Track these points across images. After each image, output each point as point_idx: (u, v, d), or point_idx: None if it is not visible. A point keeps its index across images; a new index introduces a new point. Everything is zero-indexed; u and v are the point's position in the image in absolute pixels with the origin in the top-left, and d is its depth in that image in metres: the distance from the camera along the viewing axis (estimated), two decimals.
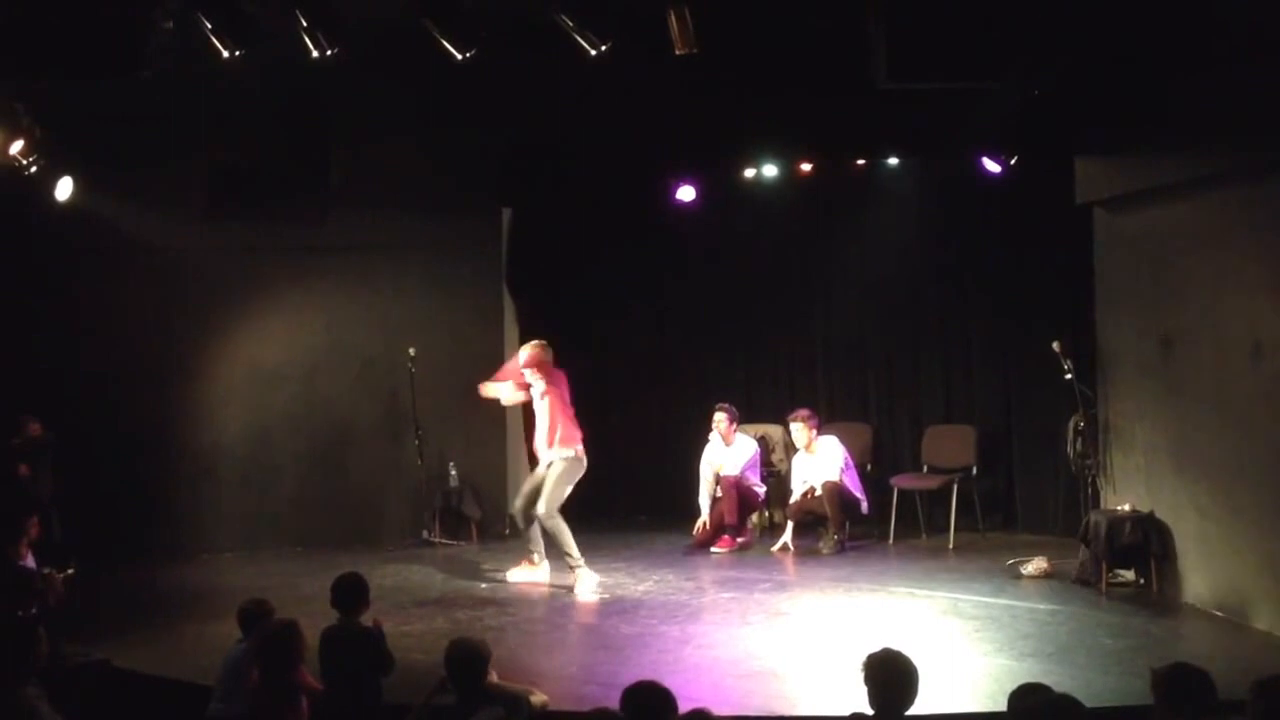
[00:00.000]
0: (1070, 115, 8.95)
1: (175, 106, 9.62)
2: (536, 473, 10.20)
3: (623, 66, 7.61)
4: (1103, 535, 9.24)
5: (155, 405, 11.40)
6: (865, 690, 4.89)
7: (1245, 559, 8.42)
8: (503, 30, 7.57)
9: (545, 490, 9.88)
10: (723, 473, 11.51)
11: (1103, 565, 9.33)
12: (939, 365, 12.30)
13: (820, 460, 11.35)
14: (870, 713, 4.84)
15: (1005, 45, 6.18)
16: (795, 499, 11.48)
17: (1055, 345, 9.92)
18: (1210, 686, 4.66)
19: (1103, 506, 9.83)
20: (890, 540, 11.51)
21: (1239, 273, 8.37)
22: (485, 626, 8.73)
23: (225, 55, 7.17)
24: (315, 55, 7.29)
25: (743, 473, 11.53)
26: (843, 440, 11.52)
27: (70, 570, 7.90)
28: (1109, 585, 9.36)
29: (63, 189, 10.09)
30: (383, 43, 8.05)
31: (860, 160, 11.43)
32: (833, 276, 12.64)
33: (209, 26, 7.09)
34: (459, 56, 7.35)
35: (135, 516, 11.07)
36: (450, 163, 11.40)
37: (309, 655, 6.06)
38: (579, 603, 9.57)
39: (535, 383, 10.03)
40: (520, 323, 12.68)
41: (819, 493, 11.25)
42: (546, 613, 9.30)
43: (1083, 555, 9.59)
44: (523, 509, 10.11)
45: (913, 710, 4.94)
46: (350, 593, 6.45)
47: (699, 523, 11.52)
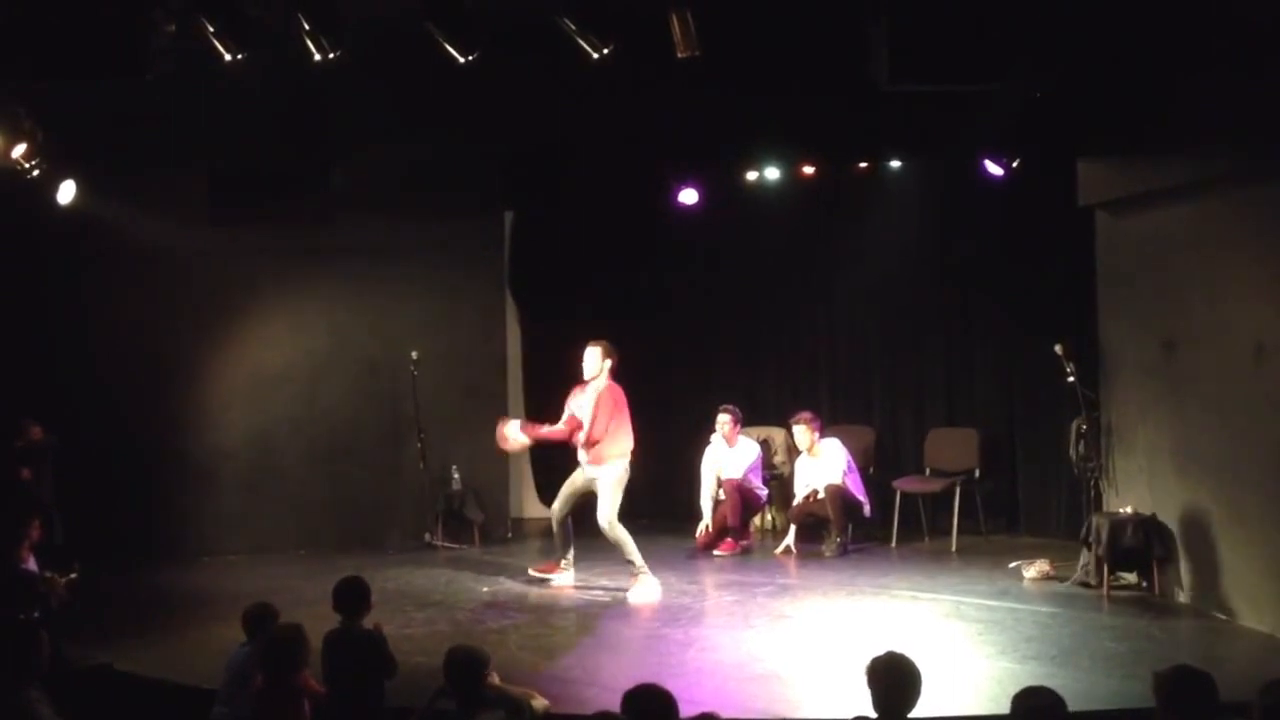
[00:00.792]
0: (1072, 117, 8.95)
1: (177, 109, 9.61)
2: (577, 478, 10.05)
3: (625, 69, 7.60)
4: (1105, 538, 9.23)
5: (158, 408, 11.40)
6: (869, 693, 4.88)
7: (1248, 561, 8.41)
8: (505, 33, 7.57)
9: (602, 501, 9.77)
10: (725, 475, 11.50)
11: (1105, 568, 9.32)
12: (941, 368, 12.29)
13: (823, 463, 11.34)
14: (874, 716, 4.83)
15: (1007, 47, 6.18)
16: (798, 501, 11.48)
17: (1057, 348, 9.91)
18: (1212, 689, 4.65)
19: (1105, 509, 9.81)
20: (893, 543, 11.51)
21: (1241, 275, 8.37)
22: (487, 629, 8.73)
23: (227, 58, 7.17)
24: (317, 58, 7.29)
25: (745, 475, 11.52)
26: (845, 443, 11.51)
27: (73, 574, 7.89)
28: (1111, 588, 9.35)
29: (65, 192, 10.09)
30: (385, 45, 8.05)
31: (863, 163, 11.43)
32: (835, 279, 12.63)
33: (211, 29, 7.09)
34: (461, 59, 7.35)
35: (138, 519, 11.07)
36: (453, 166, 11.40)
37: (313, 659, 6.06)
38: (581, 606, 9.55)
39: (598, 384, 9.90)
40: (522, 326, 12.69)
41: (821, 495, 11.24)
42: (549, 616, 9.29)
43: (1085, 558, 9.58)
44: (561, 513, 10.05)
45: (915, 713, 4.95)
46: (352, 596, 6.45)
47: (701, 525, 11.52)
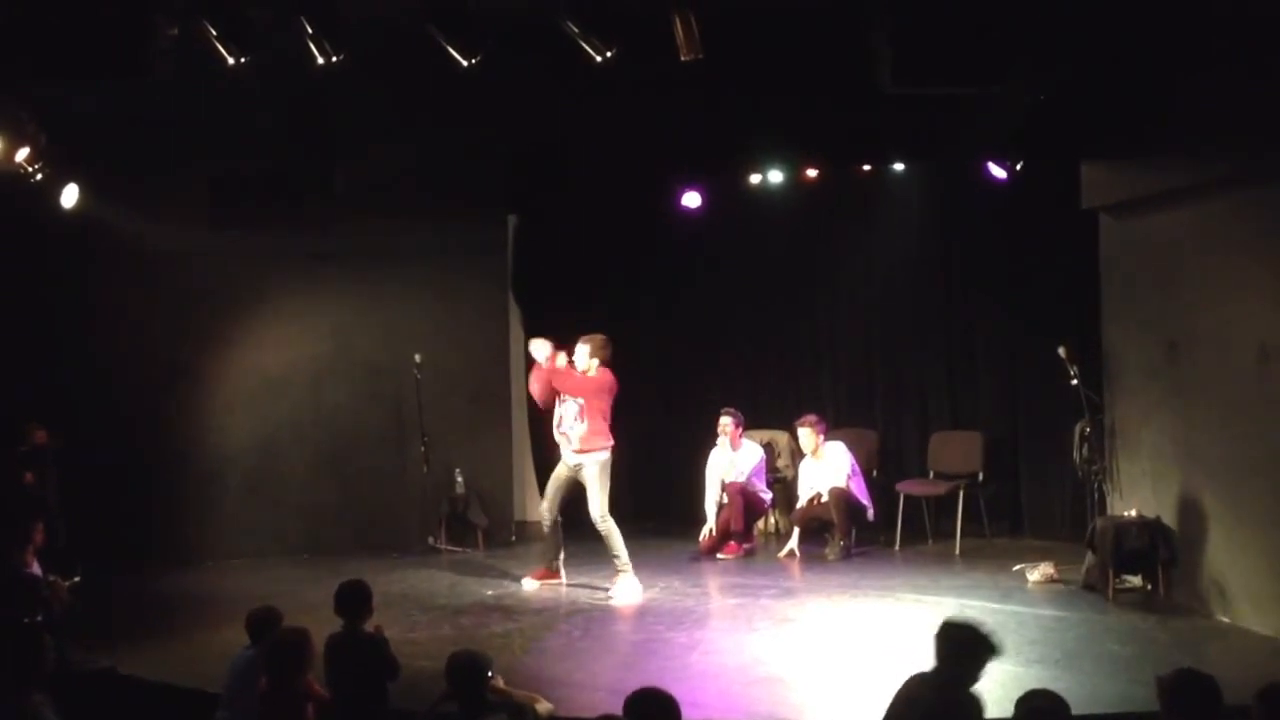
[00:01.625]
0: (1076, 120, 8.94)
1: (180, 113, 9.62)
2: (560, 471, 10.11)
3: (628, 72, 7.60)
4: (1109, 540, 9.22)
5: (161, 412, 11.40)
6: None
7: (1253, 564, 8.40)
8: (507, 36, 7.57)
9: (592, 494, 9.84)
10: (729, 479, 11.50)
11: (1109, 571, 9.30)
12: (945, 370, 12.28)
13: (827, 466, 11.34)
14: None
15: (1010, 50, 6.17)
16: (801, 504, 11.47)
17: (1061, 350, 9.90)
18: (1216, 692, 4.64)
19: (1109, 512, 9.80)
20: (896, 546, 11.49)
21: (1245, 277, 8.36)
22: (491, 633, 8.73)
23: (230, 62, 7.17)
24: (320, 61, 7.29)
25: (749, 479, 11.51)
26: (849, 446, 11.50)
27: (76, 577, 7.90)
28: (1116, 591, 9.33)
29: (68, 196, 10.09)
30: (387, 48, 8.05)
31: (866, 165, 11.43)
32: (839, 282, 12.62)
33: (213, 33, 7.09)
34: (464, 62, 7.35)
35: (141, 523, 11.06)
36: (456, 169, 11.39)
37: (316, 663, 6.06)
38: (585, 609, 9.55)
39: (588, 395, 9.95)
40: (526, 329, 12.66)
41: (825, 499, 11.24)
42: (552, 619, 9.28)
43: (1089, 561, 9.57)
44: (551, 514, 10.08)
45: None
46: (354, 599, 6.45)
47: (705, 529, 11.51)
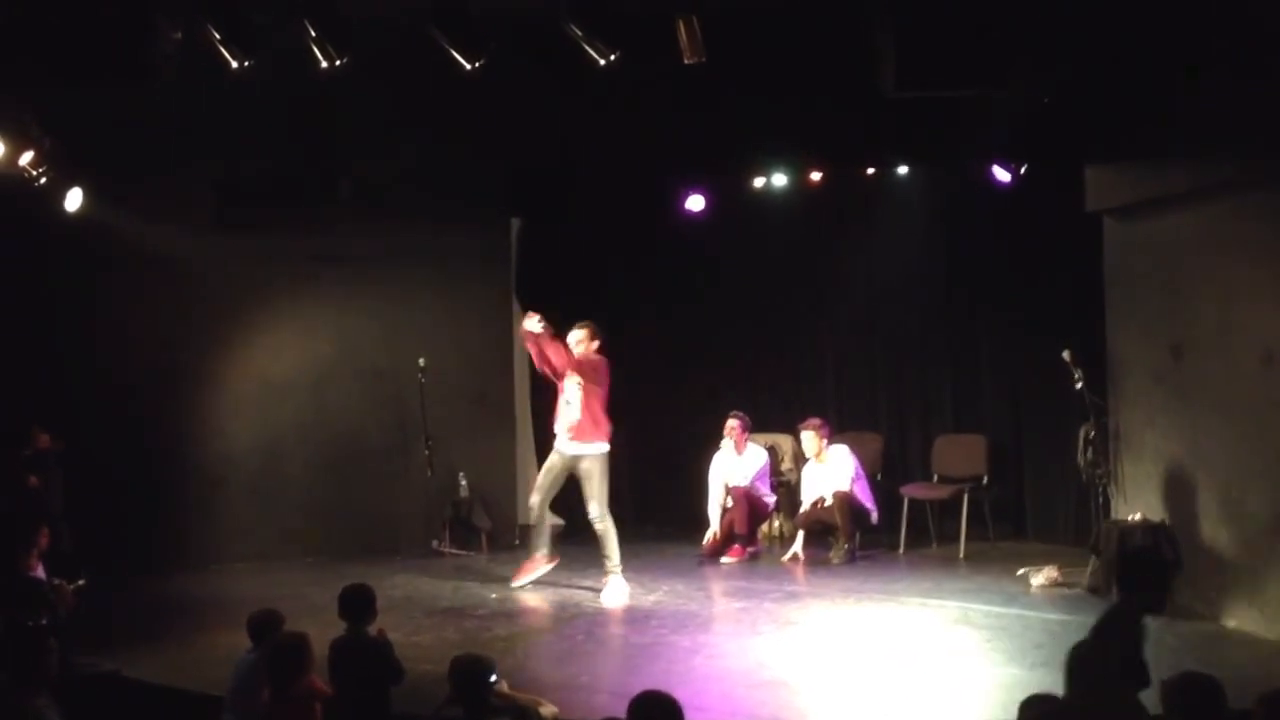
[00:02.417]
0: (1080, 122, 8.94)
1: (183, 116, 9.62)
2: (554, 463, 10.09)
3: (631, 75, 7.60)
4: (1114, 544, 9.20)
5: (165, 416, 11.39)
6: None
7: (1257, 567, 8.39)
8: (511, 40, 7.57)
9: (592, 493, 9.86)
10: (732, 482, 11.49)
11: (1114, 574, 9.28)
12: (949, 374, 12.27)
13: (831, 470, 11.33)
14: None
15: (1014, 52, 6.17)
16: (805, 508, 11.46)
17: (1065, 354, 9.89)
18: (1220, 696, 4.63)
19: (1113, 515, 9.79)
20: (900, 550, 11.48)
21: (1250, 280, 8.35)
22: (495, 637, 8.73)
23: (233, 65, 7.17)
24: (324, 65, 7.29)
25: (752, 482, 11.51)
26: (853, 449, 11.49)
27: (81, 581, 7.90)
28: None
29: (72, 200, 10.10)
30: (391, 52, 8.05)
31: (869, 169, 11.41)
32: (842, 285, 12.61)
33: (217, 37, 7.09)
34: (468, 66, 7.36)
35: (145, 527, 11.05)
36: (459, 172, 11.39)
37: (317, 665, 6.06)
38: (589, 613, 9.55)
39: (580, 371, 9.91)
40: None
41: (829, 502, 11.23)
42: (556, 623, 9.29)
43: (1094, 564, 9.56)
44: (540, 505, 10.09)
45: None
46: (357, 603, 6.45)
47: (709, 532, 11.50)
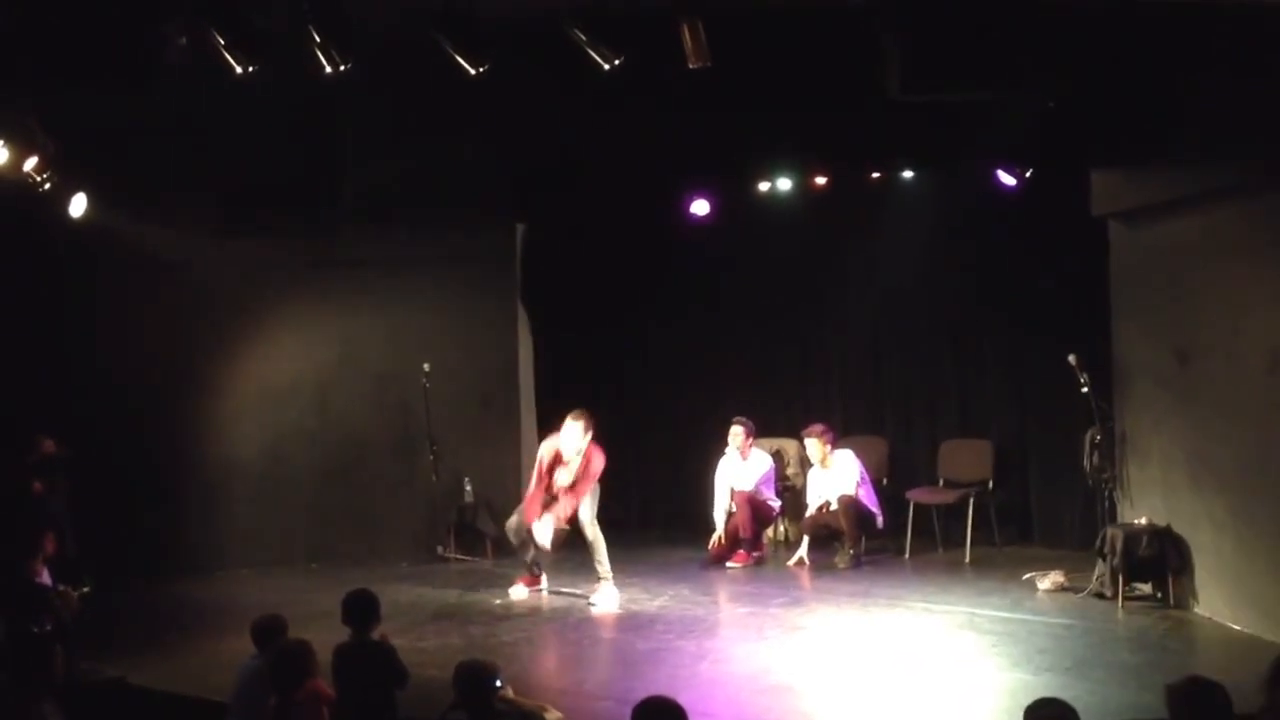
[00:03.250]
0: (1085, 127, 8.92)
1: (188, 122, 9.63)
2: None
3: (636, 80, 7.60)
4: (1120, 549, 9.19)
5: (169, 421, 11.40)
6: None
7: (1263, 572, 8.37)
8: (516, 45, 7.57)
9: (587, 508, 9.99)
10: (737, 487, 11.48)
11: (1120, 579, 9.27)
12: (954, 379, 12.25)
13: (836, 474, 11.31)
14: None
15: (1019, 57, 6.16)
16: (810, 513, 11.45)
17: (1071, 358, 9.88)
18: (1226, 700, 4.62)
19: (1119, 520, 9.77)
20: (906, 554, 11.46)
21: (1256, 284, 8.33)
22: (500, 642, 8.73)
23: (238, 71, 7.17)
24: (328, 70, 7.29)
25: (757, 487, 11.49)
26: (858, 454, 11.48)
27: (85, 587, 7.90)
28: (1126, 599, 9.30)
29: (77, 205, 10.10)
30: (395, 58, 8.05)
31: (875, 173, 11.40)
32: (847, 290, 12.58)
33: (222, 42, 7.09)
34: (472, 71, 7.35)
35: (150, 533, 11.05)
36: (464, 177, 11.38)
37: (322, 670, 6.06)
38: (594, 618, 9.54)
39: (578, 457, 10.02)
40: (534, 338, 12.67)
41: (834, 507, 11.21)
42: (561, 628, 9.28)
43: (1099, 569, 9.53)
44: (518, 526, 10.13)
45: None
46: (361, 608, 6.44)
47: (714, 538, 11.48)
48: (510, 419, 12.50)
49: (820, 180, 11.52)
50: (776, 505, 11.75)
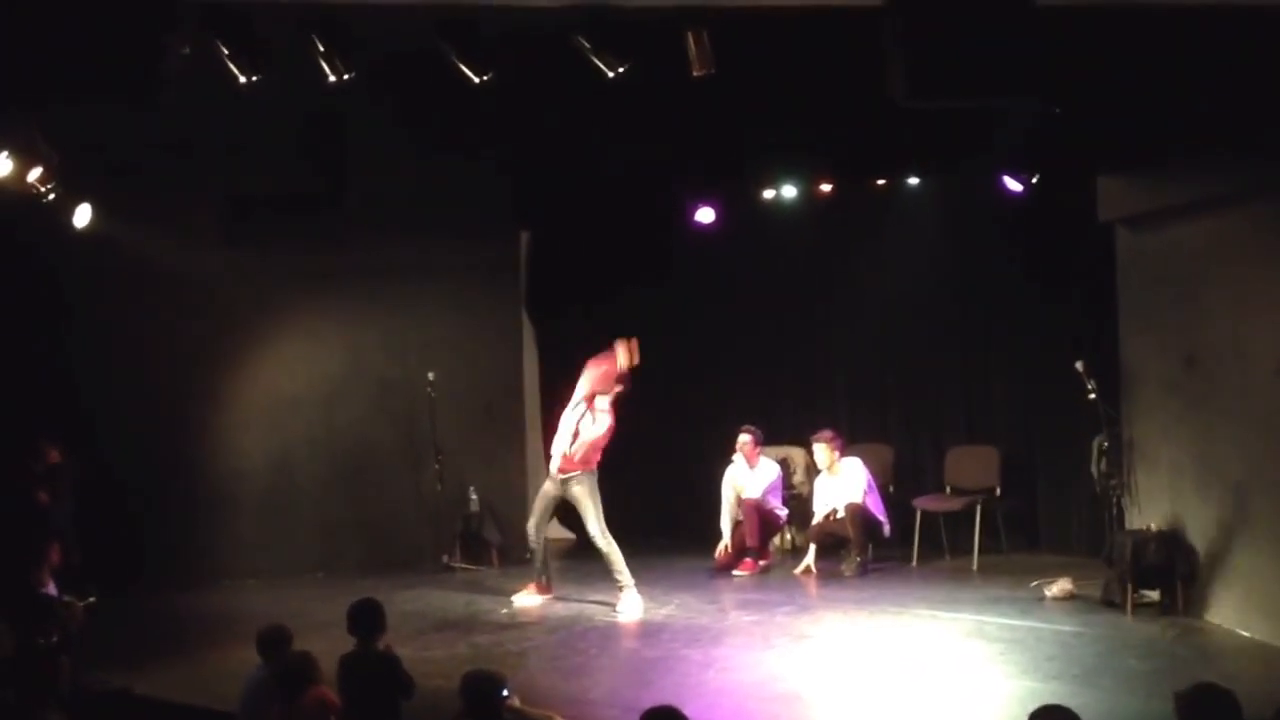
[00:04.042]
0: (1092, 132, 8.90)
1: (191, 132, 9.63)
2: (547, 489, 10.21)
3: (640, 87, 7.58)
4: (1128, 555, 9.16)
5: (175, 431, 11.40)
6: None
7: (1273, 578, 8.34)
8: (519, 52, 7.56)
9: (587, 514, 9.97)
10: (744, 495, 11.46)
11: (1128, 586, 9.24)
12: (960, 385, 12.23)
13: (843, 482, 11.30)
14: None
15: (1026, 62, 6.14)
16: (817, 520, 11.42)
17: (1078, 364, 9.85)
18: (1235, 707, 4.59)
19: (1127, 526, 9.75)
20: (913, 562, 11.43)
21: (1263, 290, 8.32)
22: (506, 651, 8.71)
23: (241, 80, 7.17)
24: (331, 79, 7.28)
25: (764, 495, 11.47)
26: (864, 461, 11.46)
27: (91, 598, 7.90)
28: (1135, 606, 9.27)
29: (81, 216, 10.11)
30: (399, 66, 8.05)
31: (880, 180, 11.38)
32: (853, 296, 12.55)
33: (225, 52, 7.09)
34: (476, 79, 7.34)
35: (155, 543, 11.05)
36: (468, 186, 11.39)
37: (327, 680, 6.05)
38: (601, 627, 9.52)
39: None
40: (539, 345, 12.66)
41: (841, 515, 11.19)
42: (568, 637, 9.27)
43: (1107, 576, 9.51)
44: (539, 530, 10.13)
45: None
46: (366, 618, 6.44)
47: (721, 545, 11.47)
48: (515, 428, 12.50)
49: (825, 187, 11.51)
50: (783, 513, 11.73)
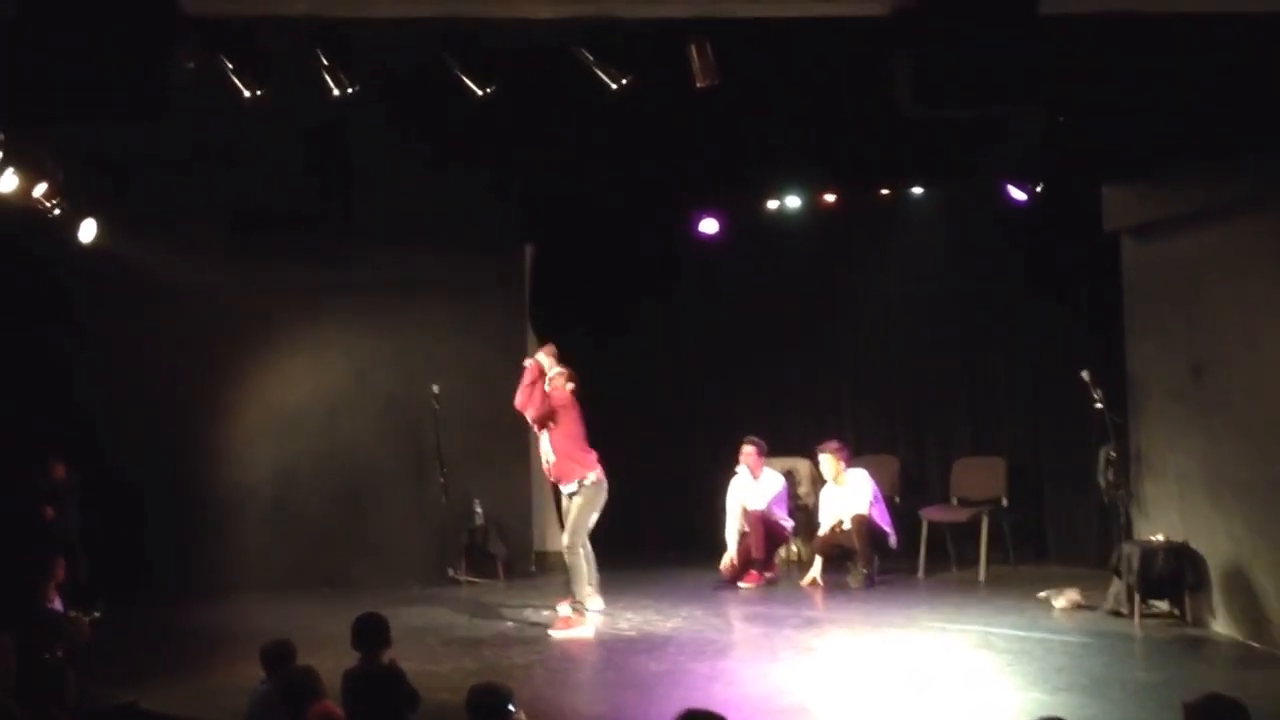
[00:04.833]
0: (1097, 141, 8.89)
1: (196, 147, 9.65)
2: (563, 504, 10.14)
3: (644, 99, 7.59)
4: (1136, 566, 9.14)
5: (180, 446, 11.40)
6: None
7: None
8: (523, 66, 7.56)
9: (569, 520, 9.84)
10: (749, 507, 11.43)
11: (1136, 596, 9.22)
12: (966, 396, 12.22)
13: (849, 493, 11.27)
14: None
15: (1031, 72, 6.13)
16: (823, 532, 11.40)
17: (1085, 374, 9.84)
18: (1245, 717, 4.56)
19: (1135, 536, 9.72)
20: (920, 573, 11.40)
21: (1270, 298, 8.29)
22: (513, 665, 8.68)
23: (246, 95, 7.18)
24: (336, 94, 7.29)
25: (769, 507, 11.45)
26: (870, 472, 11.43)
27: (97, 613, 7.90)
28: (1143, 617, 9.25)
29: (86, 231, 10.13)
30: (403, 80, 8.06)
31: (885, 190, 11.38)
32: (858, 307, 12.52)
33: (230, 67, 7.10)
34: (479, 93, 7.35)
35: (161, 557, 11.05)
36: (472, 199, 11.41)
37: (331, 694, 6.03)
38: (607, 639, 9.49)
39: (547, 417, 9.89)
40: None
41: (847, 526, 11.16)
42: (574, 651, 9.24)
43: (1115, 586, 9.48)
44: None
45: None
46: (371, 632, 6.42)
47: (726, 558, 11.44)
48: (519, 441, 12.42)
49: (829, 197, 11.51)
50: (789, 525, 11.70)
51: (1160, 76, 7.79)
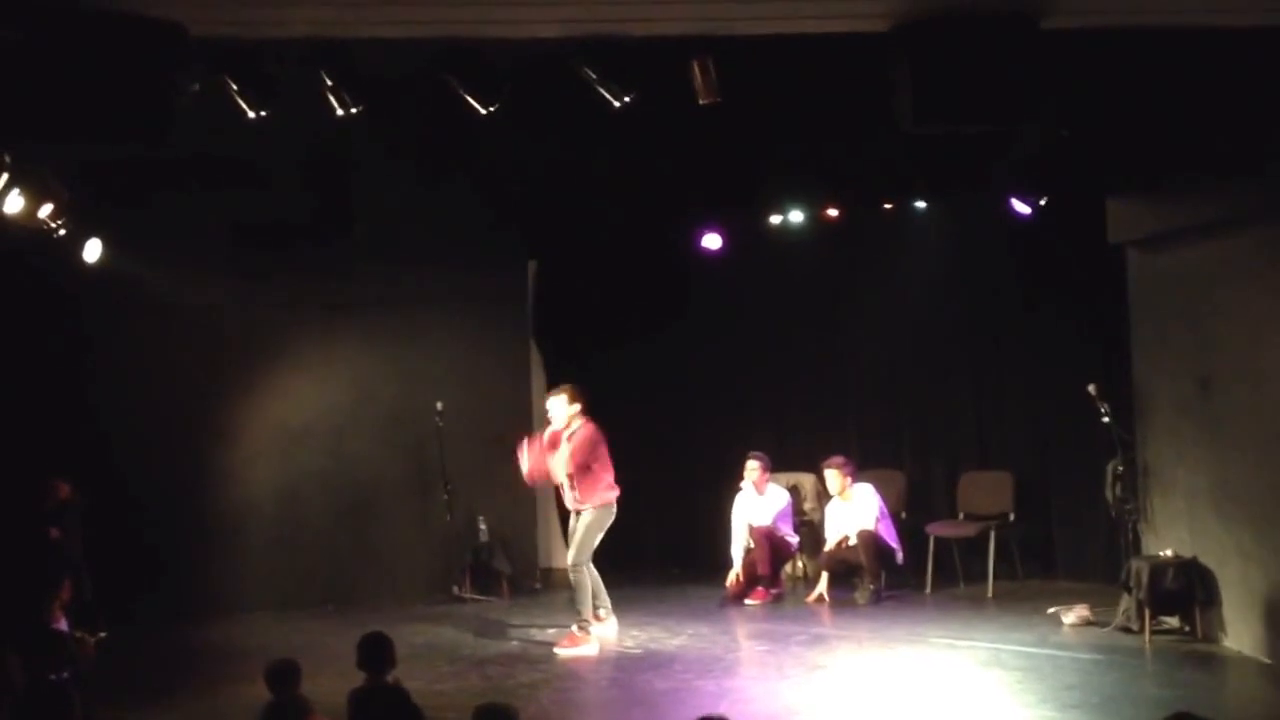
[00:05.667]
0: (1100, 154, 8.88)
1: (199, 165, 9.64)
2: (572, 523, 10.08)
3: (646, 115, 7.58)
4: (1145, 581, 9.09)
5: (184, 465, 11.38)
6: None
7: None
8: (526, 83, 7.56)
9: (576, 538, 9.82)
10: (754, 523, 11.40)
11: (1146, 612, 9.17)
12: (973, 410, 12.17)
13: (855, 508, 11.23)
14: None
15: (1034, 85, 6.12)
16: (829, 548, 11.36)
17: (1091, 388, 9.81)
18: None
19: (1144, 552, 9.68)
20: (927, 590, 11.36)
21: (1276, 310, 8.26)
22: (518, 683, 8.66)
23: (250, 115, 7.18)
24: (339, 113, 7.30)
25: (775, 523, 11.41)
26: (876, 487, 11.40)
27: (102, 633, 7.87)
28: (1153, 633, 9.20)
29: (91, 251, 10.13)
30: (406, 96, 8.06)
31: (888, 204, 11.36)
32: (862, 321, 12.49)
33: (234, 87, 7.11)
34: (482, 110, 7.35)
35: (166, 577, 11.01)
36: (475, 216, 11.40)
37: (336, 715, 6.01)
38: (612, 658, 9.46)
39: (572, 427, 9.85)
40: (547, 374, 12.62)
41: (853, 542, 11.12)
42: (580, 669, 9.21)
43: (1125, 602, 9.43)
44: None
45: None
46: (376, 651, 6.39)
47: (732, 575, 11.40)
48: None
49: (832, 212, 11.49)
50: (794, 541, 11.67)
51: (1164, 89, 7.78)
